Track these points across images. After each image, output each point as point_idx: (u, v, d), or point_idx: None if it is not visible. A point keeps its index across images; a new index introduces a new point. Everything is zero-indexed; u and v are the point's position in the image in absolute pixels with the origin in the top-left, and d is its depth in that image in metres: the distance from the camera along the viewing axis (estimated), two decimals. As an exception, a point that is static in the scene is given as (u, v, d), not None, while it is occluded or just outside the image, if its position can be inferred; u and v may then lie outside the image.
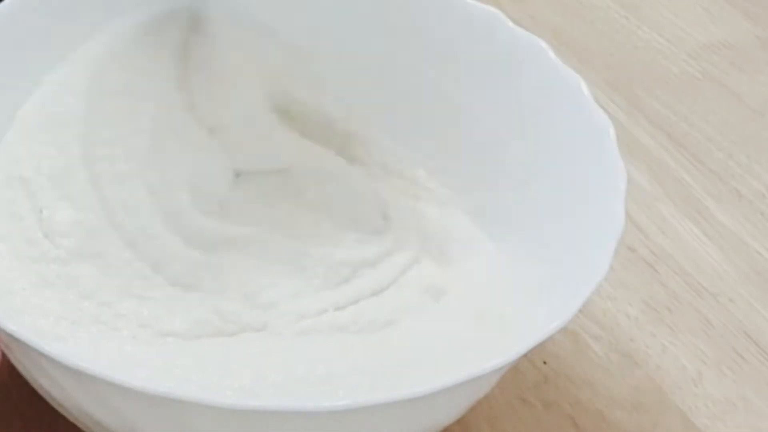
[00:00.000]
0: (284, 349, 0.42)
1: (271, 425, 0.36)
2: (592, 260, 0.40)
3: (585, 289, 0.39)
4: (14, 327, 0.36)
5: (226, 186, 0.47)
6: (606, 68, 0.64)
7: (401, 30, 0.50)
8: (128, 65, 0.47)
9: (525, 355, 0.38)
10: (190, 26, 0.48)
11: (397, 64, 0.51)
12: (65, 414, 0.40)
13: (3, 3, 0.46)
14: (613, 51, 0.66)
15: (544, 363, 0.48)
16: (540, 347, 0.38)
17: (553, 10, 0.68)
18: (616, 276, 0.53)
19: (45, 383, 0.39)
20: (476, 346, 0.42)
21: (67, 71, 0.47)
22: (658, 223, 0.56)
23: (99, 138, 0.45)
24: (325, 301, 0.44)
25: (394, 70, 0.51)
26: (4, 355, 0.40)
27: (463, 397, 0.39)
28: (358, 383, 0.40)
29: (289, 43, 0.49)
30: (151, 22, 0.48)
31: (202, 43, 0.48)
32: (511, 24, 0.48)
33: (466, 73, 0.50)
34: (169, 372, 0.40)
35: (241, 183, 0.48)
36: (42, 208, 0.44)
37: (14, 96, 0.46)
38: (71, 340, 0.41)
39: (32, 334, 0.36)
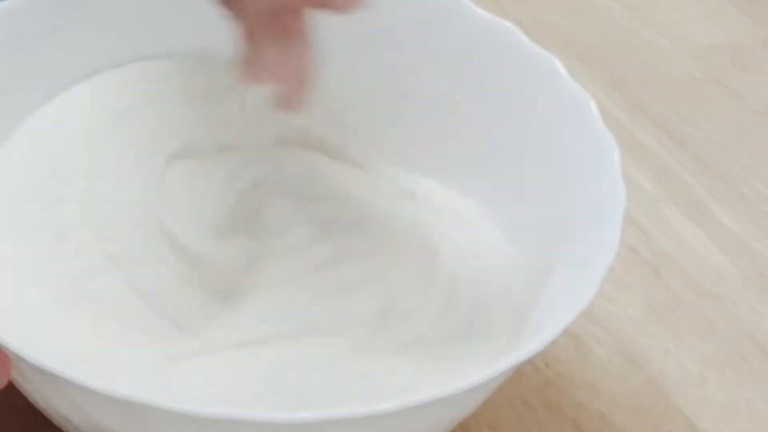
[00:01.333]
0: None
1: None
2: (582, 280, 0.40)
3: (565, 315, 0.38)
4: None
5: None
6: (608, 69, 0.64)
7: (413, 39, 0.50)
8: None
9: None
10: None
11: (408, 72, 0.50)
12: (51, 419, 0.40)
13: (3, 3, 0.46)
14: (615, 52, 0.66)
15: (546, 366, 0.48)
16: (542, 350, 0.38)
17: (556, 11, 0.68)
18: (619, 278, 0.52)
19: (27, 386, 0.39)
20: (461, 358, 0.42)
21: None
22: (660, 225, 0.56)
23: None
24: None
25: (404, 78, 0.50)
26: None
27: (446, 412, 0.39)
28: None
29: None
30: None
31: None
32: (524, 38, 0.48)
33: (478, 85, 0.49)
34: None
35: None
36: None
37: (19, 93, 0.47)
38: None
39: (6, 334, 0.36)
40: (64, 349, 0.40)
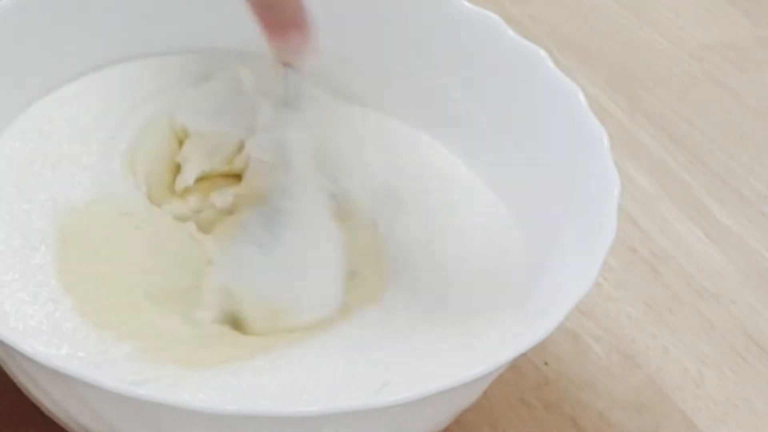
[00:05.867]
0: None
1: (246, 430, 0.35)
2: (579, 269, 0.40)
3: (558, 312, 0.38)
4: None
5: None
6: (607, 69, 0.64)
7: (402, 32, 0.50)
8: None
9: (524, 356, 0.38)
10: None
11: (399, 65, 0.51)
12: (53, 417, 0.40)
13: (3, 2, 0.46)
14: (614, 51, 0.66)
15: (545, 364, 0.48)
16: (541, 348, 0.38)
17: (554, 11, 0.68)
18: (618, 277, 0.52)
19: (30, 387, 0.39)
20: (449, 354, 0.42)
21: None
22: (659, 224, 0.56)
23: None
24: None
25: (394, 71, 0.51)
26: None
27: (439, 407, 0.39)
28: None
29: None
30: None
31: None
32: (511, 32, 0.48)
33: (467, 77, 0.50)
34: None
35: None
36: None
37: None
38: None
39: (10, 331, 0.36)
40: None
